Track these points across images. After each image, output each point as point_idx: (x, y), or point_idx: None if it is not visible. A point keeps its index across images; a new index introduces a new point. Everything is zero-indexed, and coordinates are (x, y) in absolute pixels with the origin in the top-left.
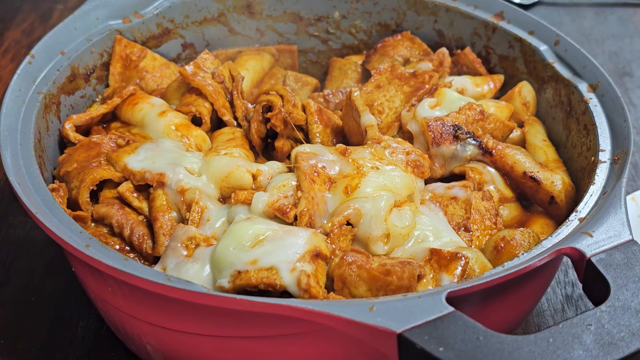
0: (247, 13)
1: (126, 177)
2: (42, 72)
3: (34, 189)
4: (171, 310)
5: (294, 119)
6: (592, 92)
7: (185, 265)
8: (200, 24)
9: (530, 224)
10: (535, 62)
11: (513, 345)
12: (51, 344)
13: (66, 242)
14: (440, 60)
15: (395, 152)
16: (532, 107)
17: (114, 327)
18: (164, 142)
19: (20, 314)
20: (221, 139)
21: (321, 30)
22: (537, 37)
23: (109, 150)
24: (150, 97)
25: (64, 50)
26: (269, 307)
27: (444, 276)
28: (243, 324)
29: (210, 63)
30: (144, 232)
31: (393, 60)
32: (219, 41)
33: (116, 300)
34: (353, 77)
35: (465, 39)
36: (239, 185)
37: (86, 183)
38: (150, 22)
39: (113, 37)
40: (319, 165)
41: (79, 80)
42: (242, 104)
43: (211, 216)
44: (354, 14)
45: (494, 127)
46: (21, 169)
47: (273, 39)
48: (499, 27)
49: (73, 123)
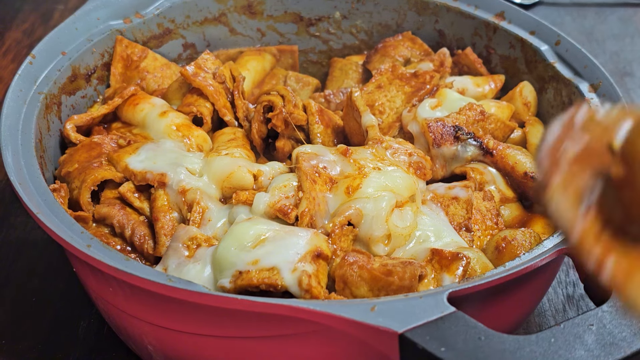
0: (248, 13)
1: (127, 178)
2: (43, 73)
3: (35, 190)
4: (172, 310)
5: (295, 119)
6: (593, 92)
7: (187, 265)
8: (201, 24)
9: (531, 224)
10: (536, 62)
11: (514, 345)
12: (52, 344)
13: (67, 242)
14: (441, 61)
15: (397, 152)
16: (533, 107)
17: (115, 327)
18: (165, 143)
19: (21, 314)
20: (222, 139)
21: (322, 30)
22: (538, 37)
23: (110, 150)
24: (151, 97)
25: (65, 51)
26: (270, 307)
27: (445, 276)
28: (244, 324)
29: (211, 63)
30: (145, 232)
31: (394, 60)
32: (219, 41)
33: (117, 300)
34: (354, 78)
35: (466, 39)
36: (240, 185)
37: (87, 183)
38: (151, 22)
39: (114, 38)
40: (320, 166)
41: (80, 81)
42: (243, 104)
43: (212, 216)
44: (355, 14)
45: (494, 128)
46: (22, 169)
47: (274, 39)
48: (499, 27)
49: (74, 123)
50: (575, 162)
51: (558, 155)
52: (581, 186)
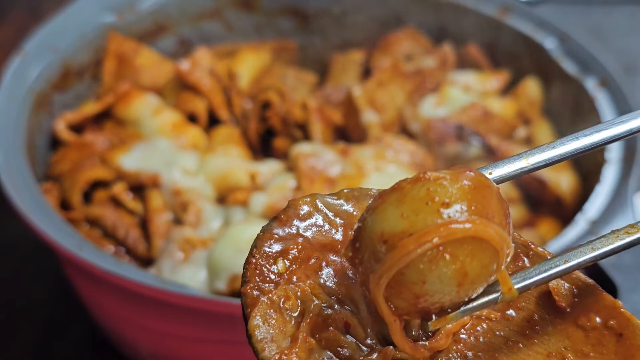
0: (245, 8)
1: (120, 177)
2: (34, 70)
3: (26, 190)
4: (166, 313)
5: (293, 117)
6: (599, 89)
7: (181, 268)
8: (196, 19)
9: (536, 224)
10: (542, 58)
11: None
12: (44, 349)
13: (59, 244)
14: (444, 57)
15: (398, 152)
16: (538, 105)
17: (108, 331)
18: (159, 141)
19: (12, 318)
20: (218, 137)
21: (321, 25)
22: (544, 33)
23: (103, 149)
24: (145, 94)
25: (56, 47)
26: None
27: None
28: (239, 328)
29: (207, 60)
30: (138, 233)
31: (395, 56)
32: (216, 37)
33: (110, 304)
34: (354, 74)
35: (470, 35)
36: (237, 185)
37: (79, 184)
38: (146, 18)
39: (107, 34)
40: (318, 165)
41: (72, 78)
42: (239, 102)
43: (208, 217)
44: (355, 9)
45: (498, 126)
46: (13, 168)
47: (272, 34)
48: (504, 23)
49: (66, 121)
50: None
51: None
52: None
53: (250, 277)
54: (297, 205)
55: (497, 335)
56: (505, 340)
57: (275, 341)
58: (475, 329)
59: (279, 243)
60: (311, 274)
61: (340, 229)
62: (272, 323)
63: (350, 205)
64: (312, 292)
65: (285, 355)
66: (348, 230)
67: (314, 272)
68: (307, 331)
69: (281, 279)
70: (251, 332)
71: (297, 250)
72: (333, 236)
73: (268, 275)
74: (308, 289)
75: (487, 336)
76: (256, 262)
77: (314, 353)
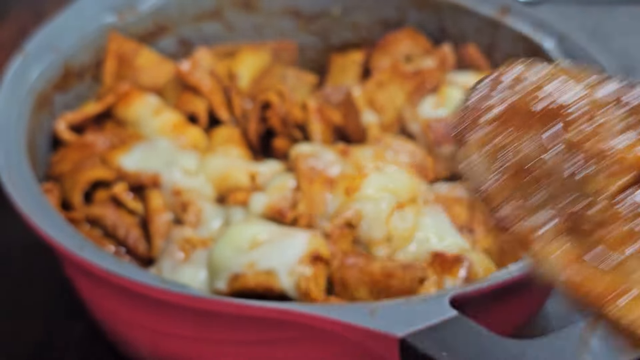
0: (245, 9)
1: (121, 177)
2: (35, 70)
3: (27, 190)
4: (167, 313)
5: (293, 117)
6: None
7: (182, 267)
8: (197, 20)
9: None
10: (541, 58)
11: (518, 350)
12: (44, 349)
13: (60, 244)
14: (443, 57)
15: (398, 152)
16: None
17: (108, 331)
18: (159, 142)
19: (13, 318)
20: (218, 138)
21: (321, 26)
22: (543, 34)
23: (104, 149)
24: (145, 95)
25: (57, 47)
26: (267, 311)
27: (447, 279)
28: (240, 328)
29: (207, 60)
30: (139, 233)
31: (395, 57)
32: (216, 38)
33: (111, 303)
34: (354, 75)
35: (469, 36)
36: (237, 185)
37: (80, 184)
38: (146, 18)
39: (108, 34)
40: (318, 166)
41: (72, 78)
42: (239, 102)
43: (208, 217)
44: (355, 9)
45: None
46: (13, 168)
47: (272, 35)
48: (503, 24)
49: (67, 122)
50: (497, 121)
51: (479, 113)
52: (500, 147)
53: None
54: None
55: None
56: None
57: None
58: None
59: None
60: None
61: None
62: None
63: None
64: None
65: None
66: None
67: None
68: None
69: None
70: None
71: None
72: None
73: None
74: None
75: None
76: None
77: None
